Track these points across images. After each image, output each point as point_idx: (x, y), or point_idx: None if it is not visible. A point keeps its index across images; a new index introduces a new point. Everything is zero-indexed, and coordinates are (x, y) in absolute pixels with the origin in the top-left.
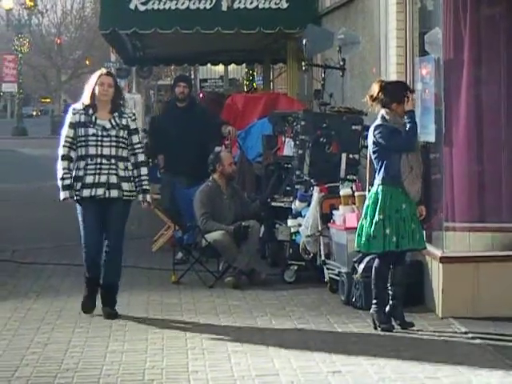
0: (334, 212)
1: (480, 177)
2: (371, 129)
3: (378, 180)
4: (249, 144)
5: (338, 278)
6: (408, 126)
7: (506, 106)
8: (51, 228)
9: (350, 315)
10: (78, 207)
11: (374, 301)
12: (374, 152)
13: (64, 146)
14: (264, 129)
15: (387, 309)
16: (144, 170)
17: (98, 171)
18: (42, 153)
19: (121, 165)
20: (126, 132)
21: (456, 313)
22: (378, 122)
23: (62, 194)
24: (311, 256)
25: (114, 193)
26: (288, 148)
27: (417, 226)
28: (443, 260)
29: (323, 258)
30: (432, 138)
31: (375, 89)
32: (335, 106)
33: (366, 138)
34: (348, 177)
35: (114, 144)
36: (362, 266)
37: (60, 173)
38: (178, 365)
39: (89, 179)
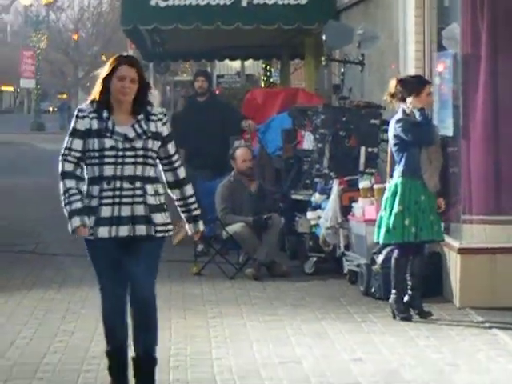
0: (354, 204)
1: (497, 170)
2: (392, 122)
3: (397, 172)
4: (268, 138)
5: (357, 269)
6: (421, 121)
7: None
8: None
9: (370, 305)
10: (88, 247)
11: (393, 291)
12: (394, 145)
13: (67, 160)
14: (283, 123)
15: (406, 299)
16: (189, 190)
17: (118, 200)
18: (60, 147)
19: (149, 189)
20: (156, 142)
21: (473, 303)
22: (399, 115)
23: (73, 223)
24: (331, 248)
25: (142, 229)
26: (307, 142)
27: (435, 217)
28: (461, 251)
29: (342, 249)
30: (450, 132)
31: (392, 84)
32: (354, 101)
33: (384, 131)
34: (367, 170)
35: (140, 160)
36: (381, 258)
37: (64, 196)
38: (201, 352)
39: (105, 212)
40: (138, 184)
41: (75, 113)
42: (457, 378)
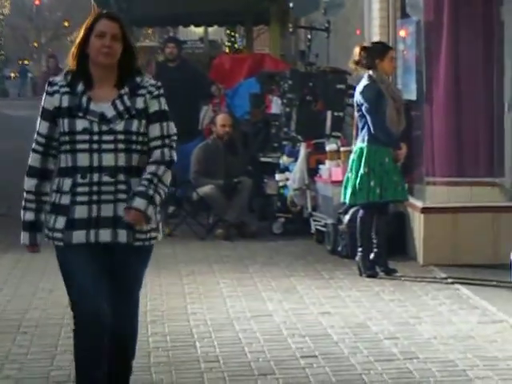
0: (320, 166)
1: (458, 134)
2: (358, 88)
3: (361, 136)
4: (236, 102)
5: (324, 229)
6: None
7: (483, 65)
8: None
9: (336, 263)
10: (59, 255)
11: (359, 249)
12: (358, 111)
13: (34, 150)
14: (251, 88)
15: (371, 256)
16: (164, 173)
17: (96, 197)
18: (26, 114)
19: (135, 183)
20: (143, 122)
21: (436, 260)
22: (365, 81)
23: (23, 237)
24: (298, 209)
25: (123, 235)
26: (275, 106)
27: (399, 178)
28: (424, 211)
29: (310, 210)
30: (413, 97)
31: (357, 51)
32: (320, 66)
33: (350, 96)
34: (333, 133)
35: (121, 147)
36: (347, 217)
37: (23, 199)
38: (177, 307)
39: (80, 212)
40: (121, 177)
41: (45, 87)
42: (421, 328)
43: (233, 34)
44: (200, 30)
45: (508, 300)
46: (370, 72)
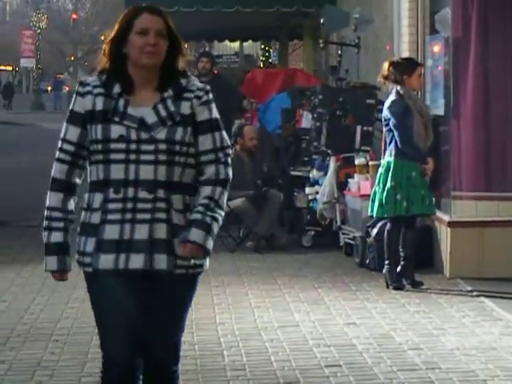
0: (350, 180)
1: (485, 148)
2: (386, 103)
3: (389, 150)
4: (268, 117)
5: (352, 242)
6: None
7: (510, 81)
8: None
9: (364, 276)
10: (87, 283)
11: (386, 261)
12: (385, 126)
13: (59, 159)
14: (283, 103)
15: (398, 269)
16: (220, 192)
17: (129, 215)
18: (61, 127)
19: (177, 201)
20: (188, 130)
21: (462, 274)
22: (393, 97)
23: (47, 263)
24: (327, 222)
25: (162, 261)
26: (306, 121)
27: (426, 192)
28: (451, 225)
29: (339, 223)
30: (441, 112)
31: (385, 67)
32: (351, 82)
33: (379, 111)
34: (362, 147)
35: (163, 158)
36: (375, 231)
37: (45, 216)
38: (206, 317)
39: (110, 232)
40: (160, 193)
41: (76, 87)
42: (444, 339)
43: (267, 48)
44: (235, 45)
45: None
46: (398, 87)
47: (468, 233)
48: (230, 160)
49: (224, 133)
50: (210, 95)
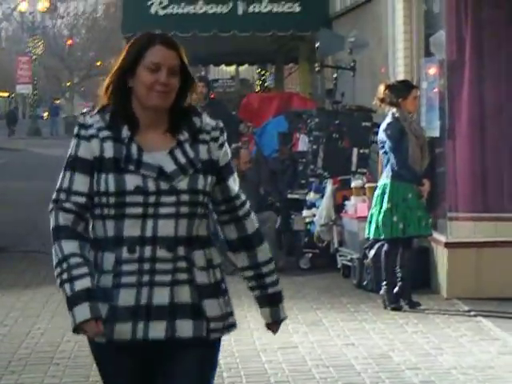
0: (346, 202)
1: (481, 170)
2: (382, 126)
3: (386, 172)
4: (264, 141)
5: (350, 263)
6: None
7: (505, 103)
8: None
9: (362, 297)
10: (95, 353)
11: (384, 282)
12: (381, 148)
13: (63, 209)
14: (279, 126)
15: (396, 290)
16: (264, 253)
17: (147, 278)
18: (58, 152)
19: (199, 258)
20: (210, 177)
21: (460, 294)
22: (389, 119)
23: (78, 314)
24: (325, 244)
25: (187, 328)
26: (302, 144)
27: (423, 214)
28: (448, 245)
29: (336, 245)
30: (437, 133)
31: (381, 89)
32: (346, 104)
33: (375, 133)
34: (359, 170)
35: (185, 211)
36: (372, 252)
37: (60, 268)
38: None
39: (125, 298)
40: (180, 251)
41: (75, 130)
42: (442, 359)
43: (263, 72)
44: (231, 69)
45: None
46: (394, 110)
47: (465, 253)
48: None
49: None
50: (225, 134)
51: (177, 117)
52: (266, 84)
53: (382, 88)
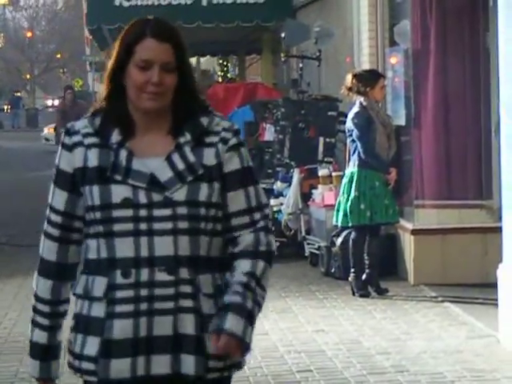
0: (313, 191)
1: (447, 157)
2: (349, 115)
3: (353, 161)
4: None
5: (317, 252)
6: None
7: (469, 92)
8: (41, 214)
9: (330, 284)
10: None
11: (352, 270)
12: (349, 136)
13: (47, 234)
14: (245, 116)
15: (364, 277)
16: (263, 269)
17: (145, 306)
18: (19, 145)
19: (205, 282)
20: (215, 187)
21: (426, 280)
22: (356, 108)
23: (30, 366)
24: (292, 233)
25: (189, 363)
26: (269, 133)
27: (390, 202)
28: (414, 232)
29: (304, 233)
30: (402, 122)
31: (349, 78)
32: (312, 94)
33: (341, 123)
34: (325, 159)
35: (184, 226)
36: (339, 240)
37: (33, 307)
38: None
39: (121, 330)
40: (183, 273)
41: (61, 138)
42: (411, 344)
43: (225, 63)
44: (193, 60)
45: (494, 316)
46: (361, 99)
47: (431, 240)
48: (270, 224)
49: (260, 187)
50: (240, 137)
51: (179, 116)
52: (228, 75)
53: (349, 77)
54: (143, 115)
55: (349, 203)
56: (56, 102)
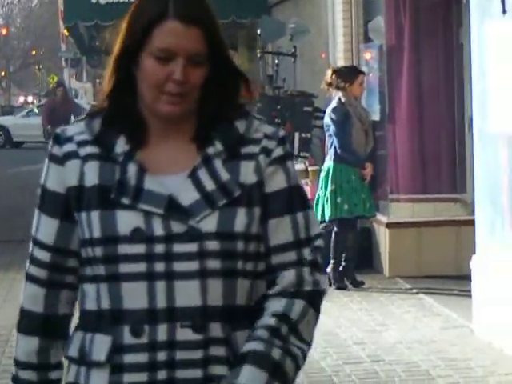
0: None
1: (421, 152)
2: (328, 110)
3: (329, 155)
4: None
5: None
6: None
7: (443, 87)
8: (22, 210)
9: None
10: None
11: (332, 261)
12: (327, 131)
13: (31, 277)
14: None
15: (340, 269)
16: (303, 311)
17: (163, 375)
18: None
19: (244, 342)
20: (256, 213)
21: (401, 273)
22: (334, 104)
23: None
24: None
25: None
26: None
27: (367, 196)
28: (389, 226)
29: None
30: (377, 117)
31: (329, 74)
32: (288, 90)
33: (316, 118)
34: (301, 154)
35: (215, 266)
36: None
37: (13, 374)
38: None
39: None
40: (215, 330)
41: (49, 147)
42: (387, 334)
43: None
44: None
45: (468, 307)
46: (340, 94)
47: (405, 233)
48: (321, 259)
49: (312, 212)
50: (287, 146)
51: (207, 119)
52: None
53: (329, 73)
54: (159, 118)
55: (326, 197)
56: (30, 99)
